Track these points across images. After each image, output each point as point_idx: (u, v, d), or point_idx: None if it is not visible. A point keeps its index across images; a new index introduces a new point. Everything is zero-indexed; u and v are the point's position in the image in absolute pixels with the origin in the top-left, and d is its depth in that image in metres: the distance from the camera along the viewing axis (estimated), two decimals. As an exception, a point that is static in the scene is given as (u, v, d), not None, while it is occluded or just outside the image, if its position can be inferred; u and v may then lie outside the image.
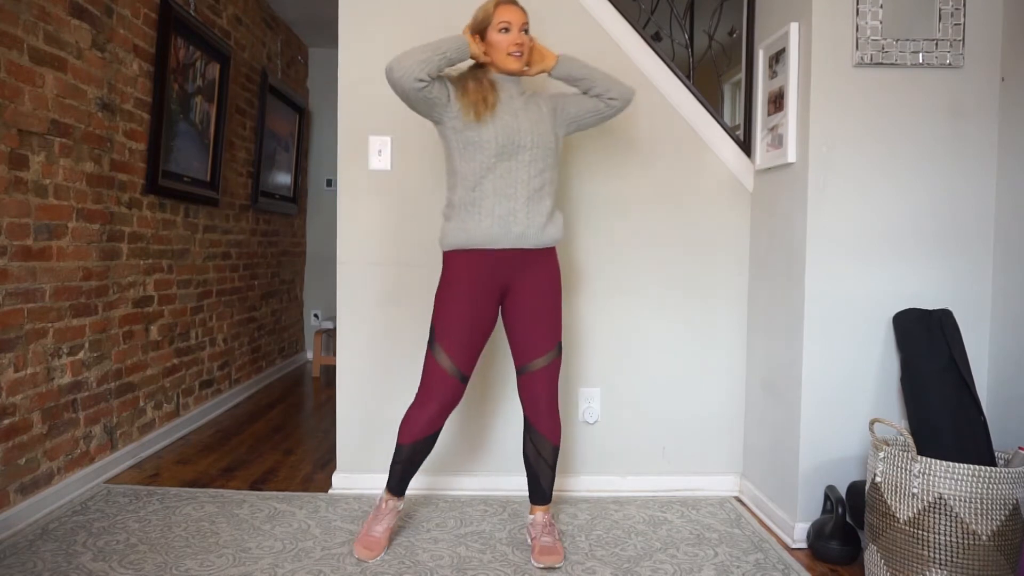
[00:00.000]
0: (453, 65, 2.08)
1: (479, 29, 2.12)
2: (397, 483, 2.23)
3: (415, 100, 2.05)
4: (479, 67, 2.18)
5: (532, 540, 2.21)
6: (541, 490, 2.25)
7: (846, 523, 2.19)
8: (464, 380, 2.16)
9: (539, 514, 2.25)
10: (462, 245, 2.12)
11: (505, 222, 2.09)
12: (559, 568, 2.10)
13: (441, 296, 2.16)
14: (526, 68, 2.17)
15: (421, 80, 1.99)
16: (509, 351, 2.28)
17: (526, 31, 2.13)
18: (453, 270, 2.15)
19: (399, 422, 2.22)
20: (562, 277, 2.73)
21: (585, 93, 2.23)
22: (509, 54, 2.10)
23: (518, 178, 2.10)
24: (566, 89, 2.30)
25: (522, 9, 2.13)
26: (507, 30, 2.09)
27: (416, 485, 2.73)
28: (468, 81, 2.13)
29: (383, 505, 2.24)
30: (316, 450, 3.28)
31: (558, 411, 2.24)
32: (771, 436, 2.52)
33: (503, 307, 2.22)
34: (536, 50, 2.18)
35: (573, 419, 2.76)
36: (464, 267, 2.13)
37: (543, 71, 2.21)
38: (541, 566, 2.10)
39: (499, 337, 2.57)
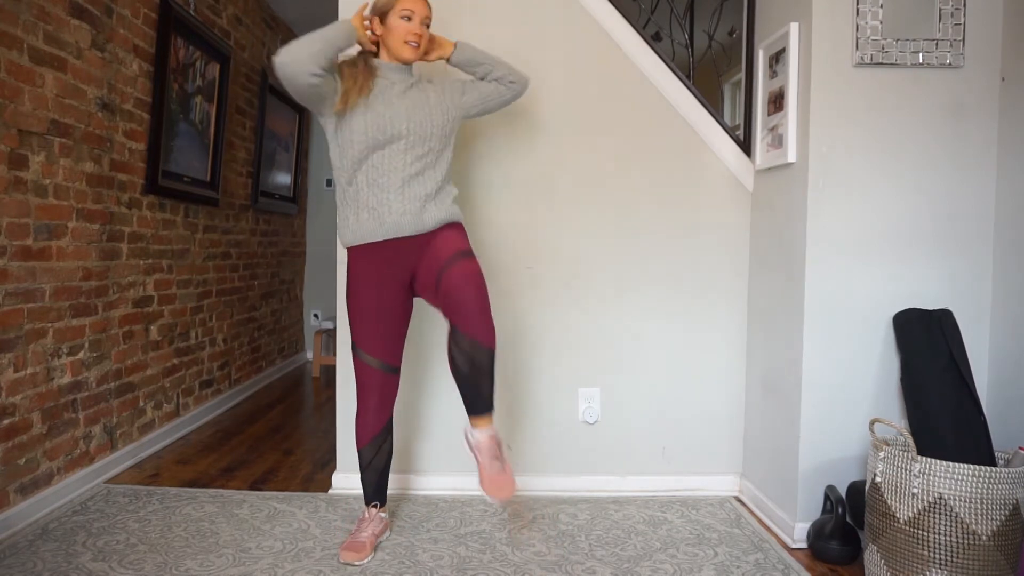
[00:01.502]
0: (341, 52, 2.05)
1: (380, 12, 2.10)
2: (372, 492, 2.26)
3: (307, 95, 1.99)
4: (362, 53, 2.16)
5: (478, 466, 2.08)
6: (483, 398, 2.05)
7: (846, 523, 2.19)
8: (394, 370, 2.20)
9: (484, 431, 2.08)
10: (351, 242, 2.13)
11: (377, 213, 2.07)
12: (514, 499, 2.00)
13: (348, 294, 2.18)
14: (424, 56, 2.17)
15: (316, 75, 1.94)
16: (508, 353, 2.28)
17: (427, 25, 2.13)
18: (351, 266, 2.16)
19: (399, 422, 2.23)
20: (556, 274, 2.73)
21: (483, 79, 2.24)
22: (406, 42, 2.09)
23: (392, 166, 2.07)
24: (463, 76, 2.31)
25: (427, 3, 2.13)
26: (408, 19, 2.08)
27: (416, 485, 2.73)
28: (344, 68, 2.09)
29: (365, 515, 2.26)
30: (316, 450, 3.28)
31: (491, 315, 2.03)
32: (771, 436, 2.52)
33: (416, 287, 2.17)
34: (433, 39, 2.19)
35: (573, 419, 2.76)
36: (360, 262, 2.13)
37: (441, 57, 2.22)
38: (493, 500, 2.04)
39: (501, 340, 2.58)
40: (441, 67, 2.36)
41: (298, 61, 1.92)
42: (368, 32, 2.12)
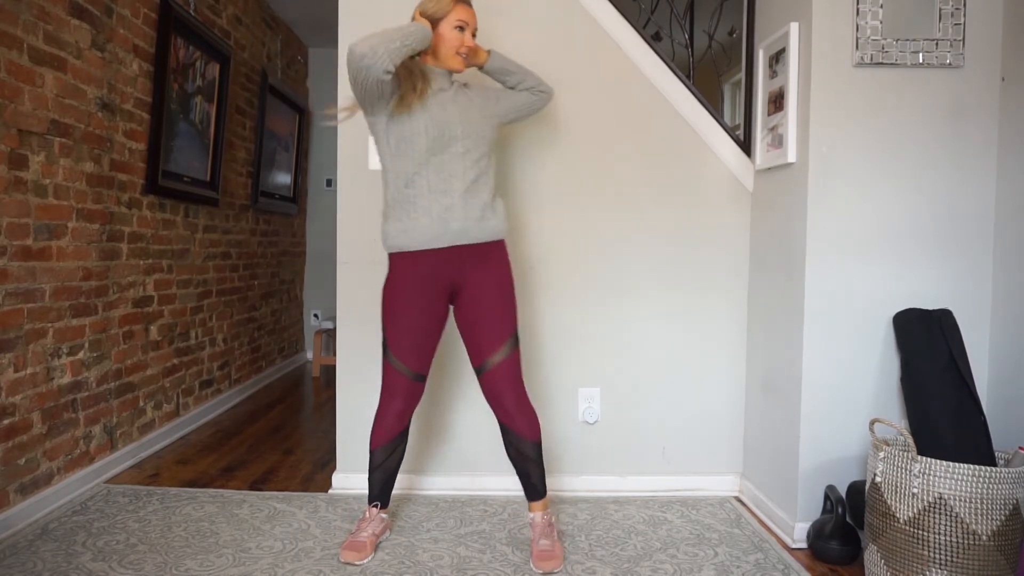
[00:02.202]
0: (413, 54, 2.04)
1: (433, 19, 2.08)
2: (377, 492, 2.26)
3: (372, 90, 1.98)
4: (413, 57, 2.13)
5: (531, 542, 2.19)
6: (532, 486, 2.22)
7: (846, 523, 2.19)
8: (421, 379, 2.20)
9: (537, 514, 2.23)
10: (403, 247, 2.10)
11: (443, 219, 2.06)
12: (558, 572, 2.08)
13: (387, 299, 2.15)
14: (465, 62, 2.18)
15: (389, 72, 1.93)
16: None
17: (474, 35, 2.15)
18: (397, 272, 2.13)
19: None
20: (557, 274, 2.73)
21: (513, 88, 2.27)
22: (457, 52, 2.10)
23: (452, 171, 2.07)
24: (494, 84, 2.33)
25: (475, 12, 2.15)
26: (462, 29, 2.09)
27: (416, 485, 2.73)
28: (401, 70, 2.06)
29: (367, 514, 2.25)
30: (316, 450, 3.28)
31: (529, 404, 2.19)
32: (771, 436, 2.52)
33: (454, 307, 2.20)
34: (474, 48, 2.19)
35: (573, 419, 2.76)
36: (408, 269, 2.11)
37: (476, 64, 2.22)
38: (540, 572, 2.08)
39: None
40: (473, 71, 2.34)
41: (377, 55, 1.90)
42: None
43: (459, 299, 2.17)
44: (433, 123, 2.05)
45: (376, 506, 2.26)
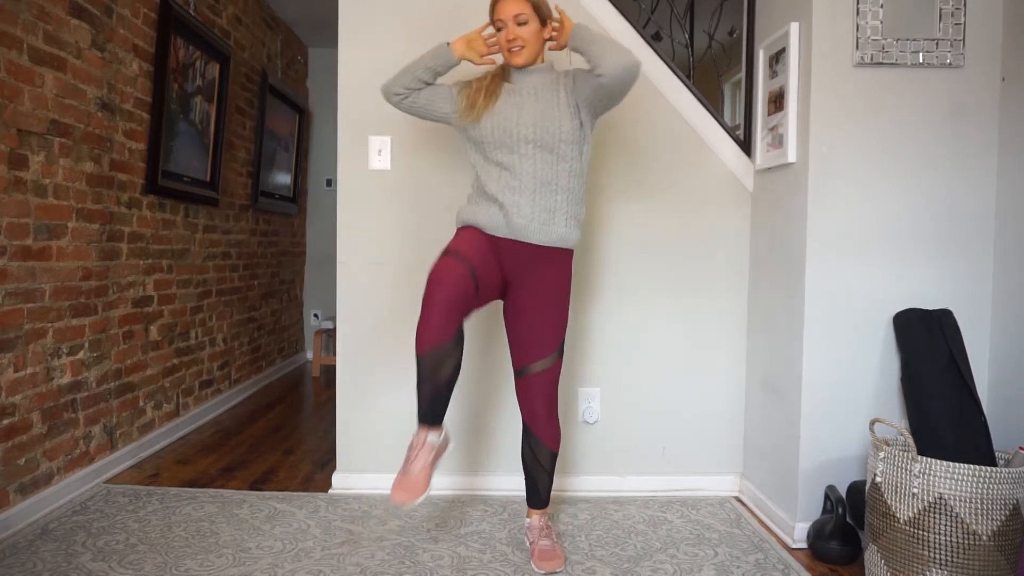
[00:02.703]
0: (442, 72, 2.13)
1: (493, 23, 2.12)
2: (427, 407, 1.97)
3: (407, 111, 2.18)
4: (502, 66, 2.19)
5: (531, 544, 2.20)
6: (538, 494, 2.23)
7: (846, 523, 2.19)
8: (475, 279, 1.95)
9: (536, 517, 2.23)
10: (469, 223, 2.12)
11: (508, 213, 2.05)
12: (559, 572, 2.09)
13: (459, 233, 2.09)
14: (552, 44, 2.15)
15: (398, 94, 2.13)
16: (509, 349, 2.27)
17: (522, 23, 2.04)
18: (465, 230, 2.11)
19: (400, 422, 2.22)
20: (562, 277, 2.73)
21: (591, 70, 1.99)
22: (510, 51, 2.09)
23: (523, 171, 2.06)
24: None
25: (515, 3, 2.03)
26: (501, 29, 2.09)
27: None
28: (473, 80, 2.17)
29: (416, 440, 1.99)
30: (316, 450, 3.28)
31: (557, 417, 2.21)
32: (771, 436, 2.52)
33: (505, 303, 2.18)
34: (561, 22, 2.12)
35: (573, 419, 2.76)
36: (475, 232, 2.09)
37: (558, 47, 2.16)
38: (542, 572, 2.08)
39: (499, 335, 2.57)
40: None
41: (386, 85, 2.15)
42: (487, 42, 2.14)
43: (513, 295, 2.14)
44: (499, 127, 2.07)
45: (427, 427, 2.00)
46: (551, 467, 2.21)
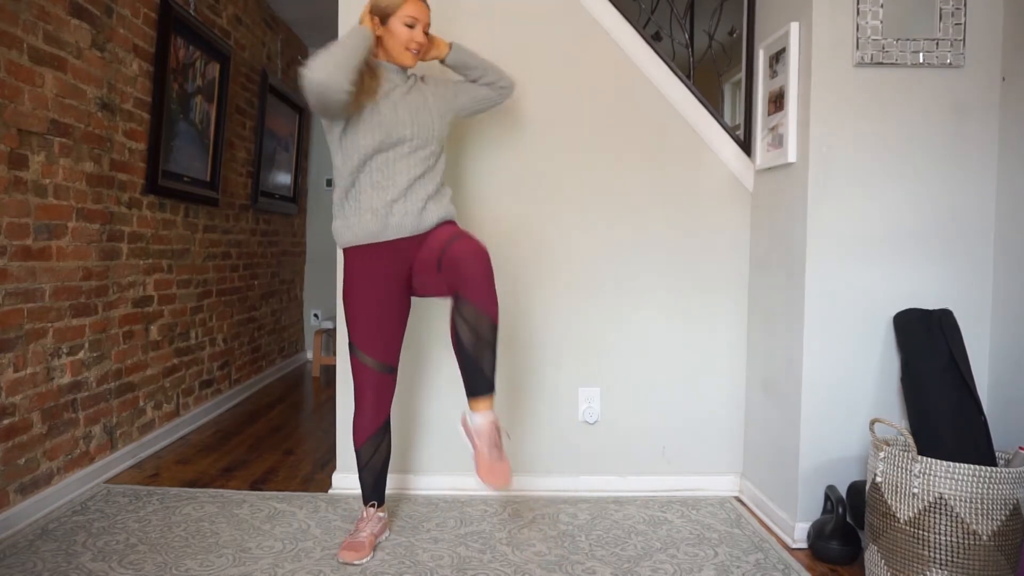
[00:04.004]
0: (363, 58, 2.00)
1: (382, 14, 2.08)
2: (370, 491, 2.26)
3: (337, 109, 1.96)
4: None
5: (474, 451, 1.98)
6: (483, 377, 1.96)
7: (846, 523, 2.19)
8: (390, 371, 2.19)
9: (483, 415, 1.98)
10: (350, 243, 2.12)
11: (381, 216, 2.07)
12: (509, 489, 1.95)
13: (345, 295, 2.17)
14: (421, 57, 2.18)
15: (348, 90, 1.91)
16: (510, 353, 2.28)
17: (427, 33, 2.14)
18: (350, 267, 2.15)
19: (399, 422, 2.23)
20: (557, 273, 2.73)
21: (474, 81, 2.27)
22: (407, 48, 2.09)
23: (396, 170, 2.08)
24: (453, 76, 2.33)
25: (428, 8, 2.12)
26: (412, 26, 2.08)
27: (415, 485, 2.73)
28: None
29: (364, 514, 2.25)
30: (316, 450, 3.28)
31: (495, 288, 1.95)
32: (771, 436, 2.52)
33: (414, 286, 2.19)
34: (431, 40, 2.19)
35: (573, 419, 2.75)
36: (359, 263, 2.13)
37: (436, 58, 2.23)
38: (491, 488, 1.96)
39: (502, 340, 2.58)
40: (434, 64, 2.36)
41: (333, 77, 1.86)
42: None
43: (413, 276, 2.16)
44: (380, 126, 2.05)
45: (372, 506, 2.26)
46: (493, 340, 1.94)
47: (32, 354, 2.43)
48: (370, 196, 2.08)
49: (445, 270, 1.97)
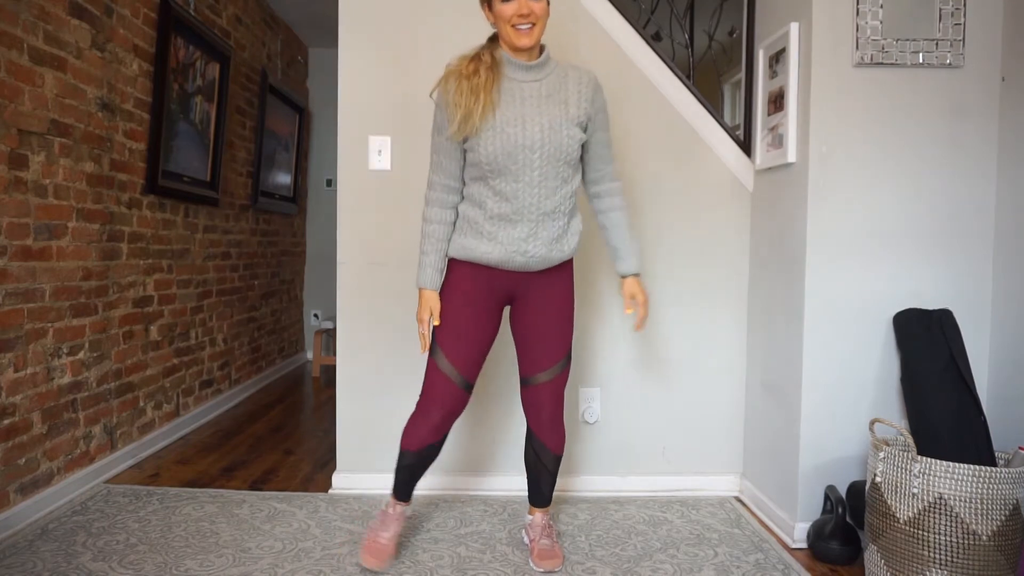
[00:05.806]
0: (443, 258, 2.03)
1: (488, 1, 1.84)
2: (403, 488, 2.13)
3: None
4: (487, 47, 1.87)
5: (530, 542, 2.19)
6: (541, 493, 2.21)
7: (846, 523, 2.19)
8: (468, 388, 2.03)
9: (538, 515, 2.22)
10: (465, 259, 2.01)
11: (508, 251, 1.92)
12: (558, 572, 2.09)
13: (445, 301, 2.02)
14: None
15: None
16: (510, 352, 2.28)
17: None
18: (457, 277, 2.02)
19: (399, 422, 2.20)
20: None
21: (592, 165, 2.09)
22: (514, 26, 1.75)
23: (525, 201, 1.86)
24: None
25: None
26: (506, 0, 1.73)
27: (416, 485, 2.72)
28: (462, 81, 1.81)
29: (389, 511, 2.14)
30: (316, 450, 3.28)
31: (563, 423, 2.15)
32: (771, 436, 2.52)
33: (511, 314, 2.12)
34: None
35: (573, 419, 2.75)
36: (468, 276, 2.01)
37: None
38: (541, 571, 2.08)
39: (501, 339, 2.57)
40: (587, 55, 2.06)
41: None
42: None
43: (519, 307, 2.07)
44: (500, 146, 1.79)
45: (403, 504, 2.15)
46: (555, 469, 2.19)
47: (32, 354, 2.43)
48: (495, 227, 1.92)
49: (528, 396, 2.11)
